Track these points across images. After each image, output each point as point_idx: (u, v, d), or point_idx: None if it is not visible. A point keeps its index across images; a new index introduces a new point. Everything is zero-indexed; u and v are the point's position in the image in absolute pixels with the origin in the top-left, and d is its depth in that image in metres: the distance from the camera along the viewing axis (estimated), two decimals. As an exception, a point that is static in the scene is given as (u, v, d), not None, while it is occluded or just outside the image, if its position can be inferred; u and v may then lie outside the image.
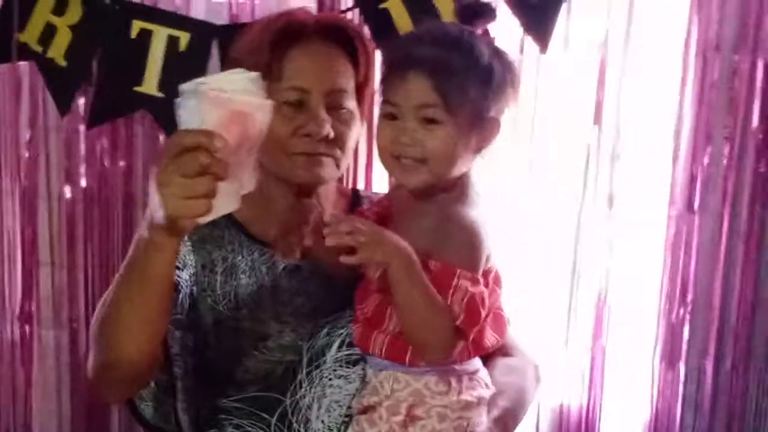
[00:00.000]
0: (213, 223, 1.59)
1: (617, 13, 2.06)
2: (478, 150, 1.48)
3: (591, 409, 2.21)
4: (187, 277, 1.63)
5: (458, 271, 1.40)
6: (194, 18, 2.07)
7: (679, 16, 2.08)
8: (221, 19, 2.09)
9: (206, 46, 2.00)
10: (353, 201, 1.80)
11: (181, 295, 1.62)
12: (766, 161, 2.11)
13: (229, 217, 1.70)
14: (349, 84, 1.65)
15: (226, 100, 1.19)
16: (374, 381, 1.53)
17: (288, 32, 1.63)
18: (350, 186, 2.11)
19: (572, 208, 2.15)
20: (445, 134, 1.42)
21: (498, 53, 1.47)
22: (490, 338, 1.53)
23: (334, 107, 1.63)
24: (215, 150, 1.18)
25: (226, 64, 1.77)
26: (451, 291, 1.40)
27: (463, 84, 1.41)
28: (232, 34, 1.96)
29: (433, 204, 1.47)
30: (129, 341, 1.41)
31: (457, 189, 1.48)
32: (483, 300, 1.42)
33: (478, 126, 1.44)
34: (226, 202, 1.24)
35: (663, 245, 2.16)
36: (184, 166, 1.19)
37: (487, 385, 1.54)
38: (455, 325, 1.41)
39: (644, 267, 2.20)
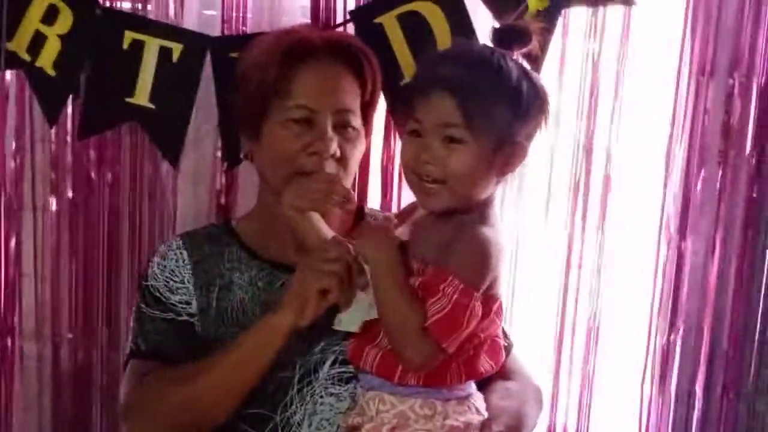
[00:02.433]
0: (214, 241, 1.63)
1: (611, 35, 2.05)
2: (502, 174, 1.47)
3: (580, 432, 2.19)
4: (182, 299, 1.69)
5: (450, 278, 1.39)
6: (187, 29, 2.05)
7: (673, 39, 2.07)
8: (213, 31, 2.07)
9: (199, 57, 1.97)
10: (359, 218, 1.79)
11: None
12: (759, 186, 2.09)
13: (230, 234, 1.72)
14: (356, 103, 1.67)
15: None
16: (362, 400, 1.53)
17: (296, 50, 1.64)
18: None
19: (562, 231, 2.13)
20: (467, 154, 1.41)
21: (528, 77, 1.46)
22: (485, 364, 1.52)
23: (341, 126, 1.65)
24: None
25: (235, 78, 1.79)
26: (437, 296, 1.39)
27: (489, 105, 1.41)
28: (225, 46, 1.98)
29: (450, 222, 1.46)
30: (214, 411, 1.58)
31: (477, 211, 1.46)
32: (471, 316, 1.40)
33: (502, 149, 1.43)
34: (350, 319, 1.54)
35: (653, 269, 2.14)
36: (328, 252, 1.49)
37: (478, 410, 1.53)
38: (426, 328, 1.39)
39: (634, 291, 2.18)
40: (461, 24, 1.92)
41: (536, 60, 1.69)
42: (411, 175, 1.48)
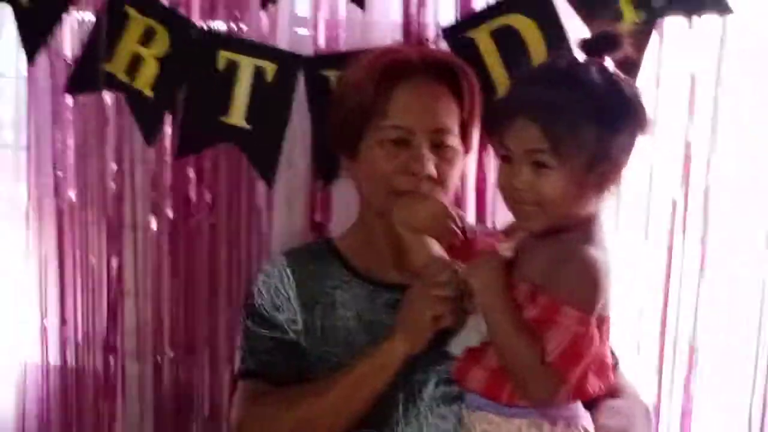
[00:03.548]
0: (317, 258, 1.63)
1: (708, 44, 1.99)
2: (600, 191, 1.43)
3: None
4: (289, 318, 1.70)
5: (564, 308, 1.36)
6: (281, 49, 2.06)
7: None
8: (305, 50, 2.08)
9: (292, 77, 1.99)
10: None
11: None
12: None
13: (333, 252, 1.72)
14: (453, 122, 1.65)
15: None
16: (467, 420, 1.51)
17: (393, 69, 1.64)
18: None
19: (661, 265, 2.07)
20: (557, 178, 1.38)
21: (617, 86, 1.42)
22: (593, 385, 1.48)
23: (438, 145, 1.64)
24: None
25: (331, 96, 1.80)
26: (554, 327, 1.37)
27: (574, 126, 1.37)
28: (318, 65, 1.98)
29: (556, 242, 1.43)
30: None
31: (582, 229, 1.44)
32: (590, 342, 1.38)
33: (596, 167, 1.39)
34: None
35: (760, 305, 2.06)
36: (439, 276, 1.51)
37: (586, 430, 1.50)
38: (550, 364, 1.37)
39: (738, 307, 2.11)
40: (556, 37, 1.89)
41: (633, 67, 1.66)
42: (507, 199, 1.46)
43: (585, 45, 1.46)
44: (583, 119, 1.37)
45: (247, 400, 1.69)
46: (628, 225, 2.05)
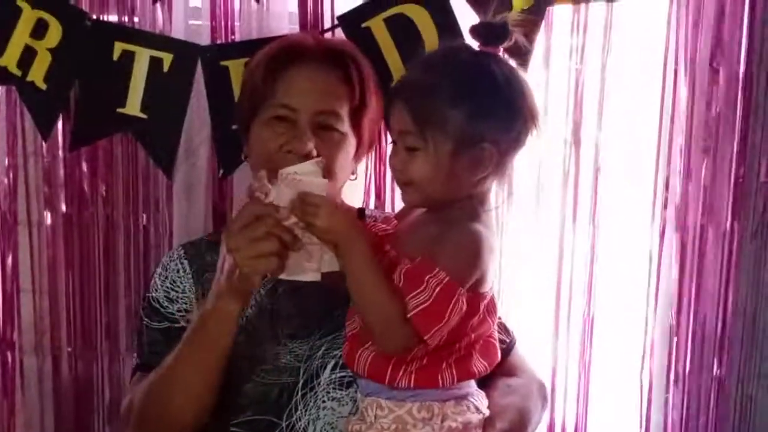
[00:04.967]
0: (216, 250, 1.64)
1: (594, 28, 2.07)
2: (473, 175, 1.46)
3: (579, 427, 2.21)
4: (182, 308, 1.71)
5: (436, 270, 1.39)
6: (177, 38, 2.06)
7: (657, 29, 2.10)
8: (201, 40, 2.08)
9: (190, 66, 1.99)
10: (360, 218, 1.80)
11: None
12: (744, 172, 2.13)
13: None
14: (342, 106, 1.67)
15: (296, 182, 1.44)
16: (361, 406, 1.53)
17: (286, 53, 1.67)
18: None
19: (554, 224, 2.15)
20: (423, 160, 1.43)
21: (493, 73, 1.45)
22: (478, 365, 1.51)
23: (324, 128, 1.64)
24: (281, 219, 1.41)
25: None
26: (421, 286, 1.39)
27: (439, 110, 1.41)
28: (216, 54, 1.99)
29: (440, 219, 1.47)
30: (189, 405, 1.57)
31: (468, 208, 1.47)
32: (453, 307, 1.39)
33: (463, 152, 1.43)
34: (297, 268, 1.46)
35: (648, 259, 2.17)
36: (253, 231, 1.41)
37: (477, 408, 1.53)
38: (409, 320, 1.39)
39: (629, 281, 2.21)
40: (448, 26, 1.93)
41: (524, 56, 1.71)
42: (394, 178, 1.52)
43: (473, 33, 1.51)
44: (448, 103, 1.41)
45: (130, 392, 1.70)
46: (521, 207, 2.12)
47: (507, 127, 1.45)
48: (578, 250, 2.15)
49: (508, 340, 1.77)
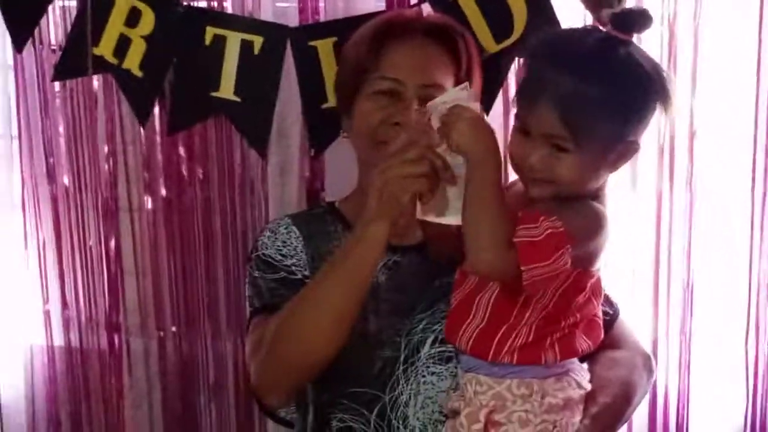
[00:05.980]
0: (322, 219, 1.65)
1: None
2: (615, 169, 1.44)
3: (681, 398, 2.18)
4: (297, 263, 1.70)
5: (555, 218, 1.35)
6: (266, 21, 2.09)
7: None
8: (290, 21, 2.11)
9: (280, 48, 2.01)
10: None
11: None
12: None
13: (334, 214, 1.74)
14: (448, 80, 1.67)
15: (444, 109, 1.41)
16: (461, 381, 1.52)
17: (389, 28, 1.68)
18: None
19: (650, 191, 2.12)
20: (573, 162, 1.38)
21: (642, 69, 1.39)
22: (582, 343, 1.48)
23: (429, 101, 1.63)
24: (433, 144, 1.41)
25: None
26: (534, 224, 1.35)
27: (596, 116, 1.36)
28: (305, 35, 2.01)
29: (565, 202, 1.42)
30: (331, 329, 1.52)
31: (591, 196, 1.44)
32: (559, 255, 1.35)
33: (611, 151, 1.40)
34: (445, 207, 1.44)
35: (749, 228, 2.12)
36: (405, 154, 1.42)
37: (579, 384, 1.50)
38: (513, 244, 1.35)
39: (729, 248, 2.16)
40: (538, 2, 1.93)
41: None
42: (518, 167, 1.44)
43: (615, 20, 1.40)
44: (606, 114, 1.36)
45: (253, 333, 1.66)
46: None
47: (649, 121, 1.43)
48: (676, 218, 2.11)
49: (611, 312, 1.74)
